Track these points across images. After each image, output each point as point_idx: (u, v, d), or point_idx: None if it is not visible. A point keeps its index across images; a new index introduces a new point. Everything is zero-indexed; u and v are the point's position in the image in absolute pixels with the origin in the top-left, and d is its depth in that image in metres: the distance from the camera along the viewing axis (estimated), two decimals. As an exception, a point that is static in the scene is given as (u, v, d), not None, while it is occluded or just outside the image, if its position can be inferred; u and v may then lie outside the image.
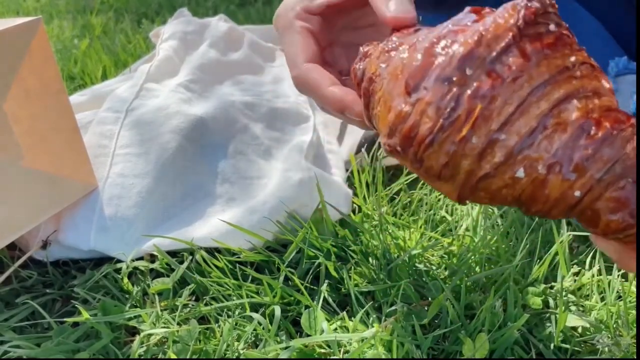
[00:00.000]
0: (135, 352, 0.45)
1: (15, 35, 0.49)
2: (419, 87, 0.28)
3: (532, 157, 0.27)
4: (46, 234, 0.56)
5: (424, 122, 0.28)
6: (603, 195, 0.27)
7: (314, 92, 0.39)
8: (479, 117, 0.27)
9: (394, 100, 0.29)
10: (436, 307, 0.46)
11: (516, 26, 0.27)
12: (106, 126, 0.64)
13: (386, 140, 0.30)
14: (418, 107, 0.28)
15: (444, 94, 0.27)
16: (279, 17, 0.43)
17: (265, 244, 0.56)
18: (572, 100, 0.27)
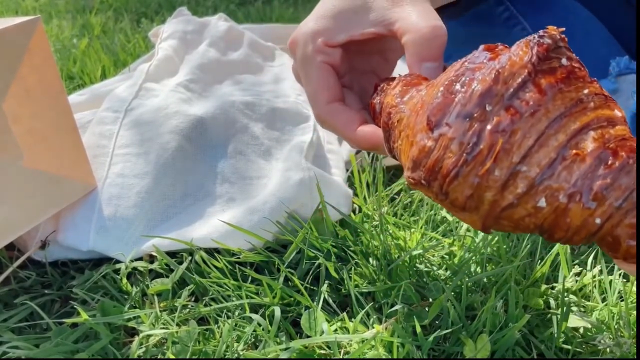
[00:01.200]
0: (135, 352, 0.45)
1: (14, 35, 0.49)
2: (441, 123, 0.30)
3: (553, 187, 0.28)
4: (45, 234, 0.56)
5: (448, 156, 0.29)
6: (622, 222, 0.28)
7: (341, 133, 0.40)
8: (500, 150, 0.28)
9: (416, 135, 0.31)
10: (437, 308, 0.46)
11: (531, 63, 0.29)
12: (105, 126, 0.64)
13: (410, 174, 0.32)
14: (441, 142, 0.30)
15: (466, 130, 0.29)
16: (297, 45, 0.42)
17: (265, 245, 0.56)
18: (588, 131, 0.29)
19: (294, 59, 0.43)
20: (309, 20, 0.41)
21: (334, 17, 0.40)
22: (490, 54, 0.31)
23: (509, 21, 0.72)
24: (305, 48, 0.41)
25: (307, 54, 0.41)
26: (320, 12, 0.41)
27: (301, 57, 0.41)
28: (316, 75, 0.41)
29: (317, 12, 0.42)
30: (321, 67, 0.40)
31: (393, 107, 0.35)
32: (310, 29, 0.41)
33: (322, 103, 0.40)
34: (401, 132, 0.34)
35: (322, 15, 0.41)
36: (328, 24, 0.40)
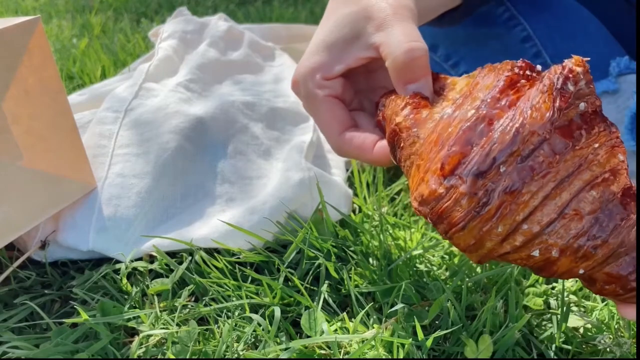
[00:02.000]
0: (134, 352, 0.45)
1: (13, 35, 0.49)
2: (454, 174, 0.31)
3: (548, 242, 0.31)
4: (45, 235, 0.56)
5: (457, 209, 0.31)
6: (602, 270, 0.32)
7: (361, 157, 0.41)
8: (507, 211, 0.30)
9: (428, 174, 0.32)
10: (437, 308, 0.46)
11: (550, 122, 0.30)
12: (105, 126, 0.64)
13: (417, 206, 0.33)
14: (452, 194, 0.31)
15: (478, 188, 0.30)
16: (299, 85, 0.43)
17: (265, 245, 0.56)
18: (590, 189, 0.31)
19: (300, 99, 0.44)
20: (304, 59, 0.42)
21: (327, 51, 0.41)
22: (512, 95, 0.32)
23: (510, 22, 0.72)
24: (306, 86, 0.42)
25: (310, 92, 0.42)
26: (313, 48, 0.42)
27: (305, 95, 0.43)
28: (323, 110, 0.42)
29: (310, 49, 0.42)
30: (325, 101, 0.41)
31: (406, 128, 0.36)
32: (307, 67, 0.42)
33: (335, 135, 0.41)
34: (411, 156, 0.35)
35: (315, 51, 0.42)
36: (323, 59, 0.41)
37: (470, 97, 0.34)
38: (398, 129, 0.36)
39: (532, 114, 0.30)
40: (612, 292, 0.32)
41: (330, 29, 0.42)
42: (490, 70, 0.35)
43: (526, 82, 0.33)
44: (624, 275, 0.31)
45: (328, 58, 0.41)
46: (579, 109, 0.31)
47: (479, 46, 0.75)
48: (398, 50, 0.37)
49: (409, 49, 0.37)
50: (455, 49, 0.79)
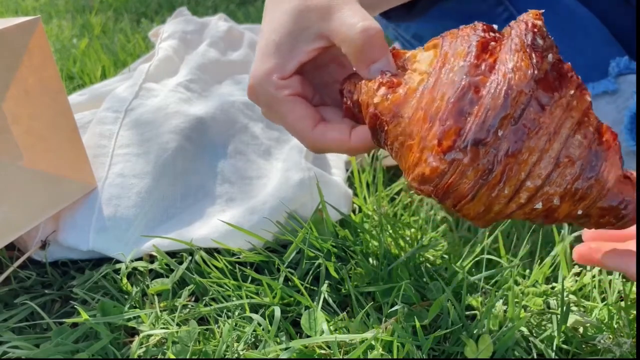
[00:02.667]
0: (135, 352, 0.45)
1: (14, 35, 0.49)
2: (454, 148, 0.31)
3: (549, 193, 0.32)
4: (45, 234, 0.56)
5: (464, 182, 0.32)
6: (596, 205, 0.33)
7: (339, 148, 0.40)
8: (512, 172, 0.31)
9: (424, 151, 0.33)
10: (437, 308, 0.46)
11: (534, 80, 0.31)
12: (105, 126, 0.64)
13: (418, 186, 0.34)
14: (456, 168, 0.32)
15: (482, 157, 0.31)
16: (257, 92, 0.41)
17: (265, 245, 0.56)
18: (575, 135, 0.32)
19: (260, 107, 0.43)
20: (256, 65, 0.41)
21: (277, 51, 0.40)
22: (488, 59, 0.33)
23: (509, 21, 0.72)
24: (265, 91, 0.41)
25: (270, 96, 0.41)
26: (263, 51, 0.41)
27: (265, 101, 0.41)
28: (288, 110, 0.40)
29: (260, 53, 0.41)
30: (289, 101, 0.40)
31: (387, 109, 0.35)
32: (262, 72, 0.40)
33: (307, 132, 0.40)
34: (398, 137, 0.35)
35: (265, 54, 0.41)
36: (275, 60, 0.40)
37: (444, 67, 0.34)
38: (379, 112, 0.36)
39: (516, 75, 0.31)
40: (607, 223, 0.34)
41: (274, 28, 0.40)
42: (453, 37, 0.35)
43: (495, 44, 0.33)
44: (614, 206, 0.33)
45: (280, 57, 0.40)
46: (549, 60, 0.32)
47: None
48: (352, 32, 0.37)
49: (364, 29, 0.36)
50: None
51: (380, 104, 0.36)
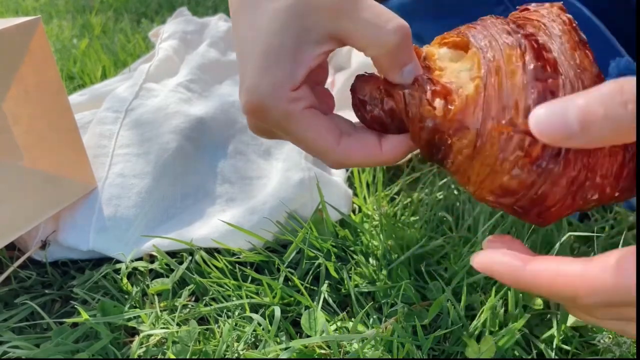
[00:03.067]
0: (135, 352, 0.45)
1: (14, 35, 0.49)
2: (543, 157, 0.30)
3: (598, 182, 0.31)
4: (45, 234, 0.56)
5: (555, 191, 0.30)
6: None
7: (370, 163, 0.36)
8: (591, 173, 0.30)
9: (505, 164, 0.30)
10: (437, 308, 0.46)
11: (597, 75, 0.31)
12: (105, 126, 0.64)
13: (496, 199, 0.32)
14: (547, 178, 0.30)
15: (573, 163, 0.30)
16: (265, 108, 0.34)
17: (265, 244, 0.56)
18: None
19: (265, 123, 0.36)
20: (257, 79, 0.34)
21: (280, 58, 0.34)
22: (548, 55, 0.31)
23: (509, 21, 0.72)
24: (276, 108, 0.34)
25: (284, 112, 0.34)
26: (261, 62, 0.34)
27: (276, 120, 0.35)
28: (307, 126, 0.35)
29: (257, 63, 0.34)
30: (307, 115, 0.35)
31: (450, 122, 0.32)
32: (269, 85, 0.34)
33: (331, 149, 0.35)
34: (463, 150, 0.32)
35: (266, 64, 0.34)
36: (282, 68, 0.34)
37: (501, 71, 0.31)
38: (441, 127, 0.32)
39: (585, 75, 0.31)
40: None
41: (268, 32, 0.34)
42: (483, 33, 0.33)
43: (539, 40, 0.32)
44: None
45: (286, 65, 0.34)
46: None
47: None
48: (383, 34, 0.32)
49: (398, 28, 0.32)
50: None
51: (441, 117, 0.32)
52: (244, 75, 0.35)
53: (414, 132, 0.34)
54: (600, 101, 0.23)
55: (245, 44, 0.35)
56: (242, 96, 0.35)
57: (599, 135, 0.23)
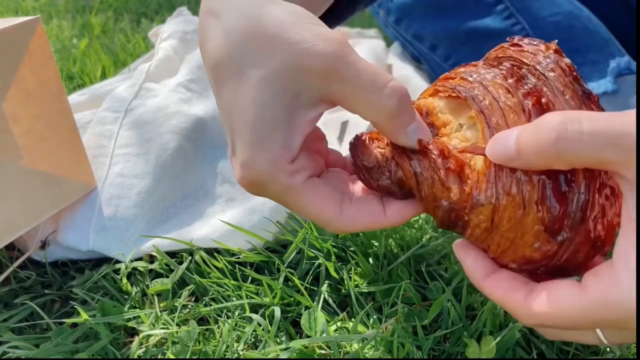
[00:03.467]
0: (135, 352, 0.45)
1: (14, 35, 0.49)
2: (563, 229, 0.29)
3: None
4: (45, 235, 0.56)
5: (578, 256, 0.30)
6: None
7: (372, 229, 0.35)
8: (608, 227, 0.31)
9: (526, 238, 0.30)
10: (437, 308, 0.46)
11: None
12: (105, 126, 0.64)
13: (518, 267, 0.32)
14: (568, 247, 0.30)
15: (592, 229, 0.30)
16: (263, 186, 0.33)
17: (265, 245, 0.56)
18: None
19: (263, 196, 0.34)
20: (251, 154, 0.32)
21: (274, 129, 0.31)
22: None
23: (508, 20, 0.72)
24: (277, 183, 0.32)
25: (282, 187, 0.32)
26: (254, 133, 0.32)
27: (277, 193, 0.33)
28: (309, 199, 0.33)
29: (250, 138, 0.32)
30: (308, 187, 0.33)
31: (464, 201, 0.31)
32: (267, 161, 0.32)
33: (335, 219, 0.33)
34: (480, 224, 0.31)
35: (261, 138, 0.31)
36: (277, 141, 0.31)
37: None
38: (456, 206, 0.32)
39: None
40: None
41: (258, 103, 0.31)
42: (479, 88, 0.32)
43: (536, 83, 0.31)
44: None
45: (282, 137, 0.31)
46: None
47: (478, 46, 0.75)
48: (383, 98, 0.31)
49: (395, 91, 0.31)
50: (454, 48, 0.79)
51: (458, 198, 0.31)
52: (236, 148, 0.33)
53: (427, 208, 0.33)
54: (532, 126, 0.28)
55: (232, 116, 0.33)
56: (237, 170, 0.33)
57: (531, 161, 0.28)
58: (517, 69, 0.32)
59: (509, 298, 0.31)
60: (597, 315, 0.27)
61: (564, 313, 0.28)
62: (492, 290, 0.32)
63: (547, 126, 0.27)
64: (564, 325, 0.28)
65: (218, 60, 0.33)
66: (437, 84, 0.35)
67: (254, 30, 0.32)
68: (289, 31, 0.31)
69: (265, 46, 0.31)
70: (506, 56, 0.34)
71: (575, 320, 0.28)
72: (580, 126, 0.26)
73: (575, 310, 0.28)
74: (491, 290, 0.32)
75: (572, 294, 0.28)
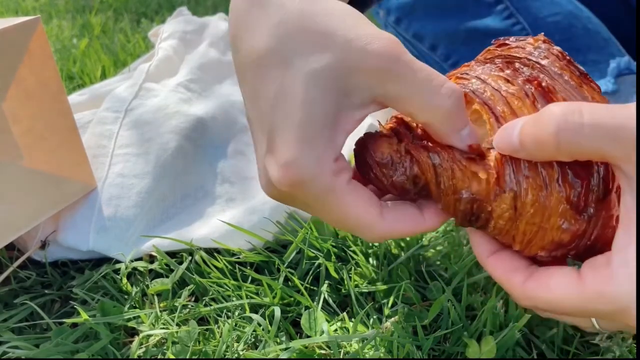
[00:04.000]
0: (135, 353, 0.45)
1: (13, 35, 0.49)
2: (588, 204, 0.29)
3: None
4: (45, 235, 0.56)
5: (607, 232, 0.30)
6: None
7: (412, 234, 0.34)
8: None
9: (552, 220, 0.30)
10: (437, 308, 0.46)
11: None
12: (105, 126, 0.64)
13: (548, 254, 0.31)
14: (597, 222, 0.29)
15: (614, 202, 0.29)
16: (307, 187, 0.31)
17: (265, 245, 0.56)
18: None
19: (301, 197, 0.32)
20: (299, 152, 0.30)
21: (323, 128, 0.30)
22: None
23: (508, 20, 0.72)
24: (319, 181, 0.30)
25: (326, 187, 0.31)
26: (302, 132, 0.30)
27: (317, 193, 0.31)
28: (352, 201, 0.31)
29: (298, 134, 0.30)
30: (350, 190, 0.31)
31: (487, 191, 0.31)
32: (313, 158, 0.30)
33: (376, 224, 0.32)
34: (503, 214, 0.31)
35: (309, 135, 0.30)
36: (324, 139, 0.30)
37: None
38: (478, 196, 0.31)
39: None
40: None
41: (306, 100, 0.30)
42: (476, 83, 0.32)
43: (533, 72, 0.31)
44: None
45: (328, 133, 0.30)
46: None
47: (477, 46, 0.75)
48: (440, 98, 0.30)
49: (452, 92, 0.30)
50: (454, 48, 0.79)
51: (478, 187, 0.31)
52: (276, 147, 0.31)
53: (447, 203, 0.32)
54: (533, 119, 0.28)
55: (276, 111, 0.31)
56: (276, 170, 0.31)
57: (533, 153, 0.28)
58: (510, 64, 0.32)
59: (509, 279, 0.31)
60: (591, 306, 0.27)
61: (559, 301, 0.28)
62: (494, 268, 0.32)
63: (548, 118, 0.27)
64: (558, 311, 0.29)
65: (263, 51, 0.31)
66: None
67: (306, 24, 0.30)
68: (344, 28, 0.30)
69: (318, 41, 0.30)
70: (495, 55, 0.34)
71: (570, 309, 0.28)
72: (581, 118, 0.26)
73: (570, 300, 0.28)
74: (493, 268, 0.32)
75: (570, 284, 0.28)
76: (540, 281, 0.30)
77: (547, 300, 0.29)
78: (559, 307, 0.29)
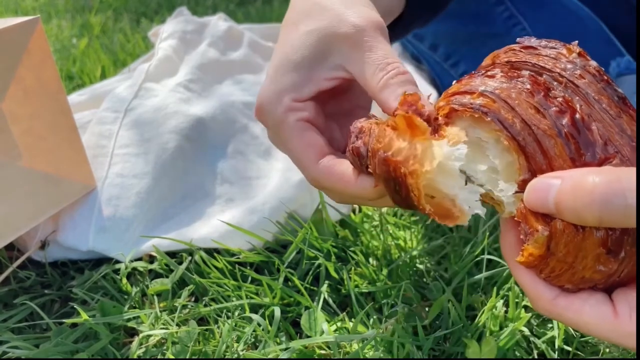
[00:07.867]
0: (134, 353, 0.45)
1: (13, 35, 0.49)
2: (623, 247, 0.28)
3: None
4: (45, 235, 0.56)
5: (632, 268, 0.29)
6: None
7: (341, 190, 0.35)
8: None
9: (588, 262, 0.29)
10: (437, 308, 0.46)
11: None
12: (105, 126, 0.64)
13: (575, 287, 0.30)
14: (629, 263, 0.29)
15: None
16: (264, 112, 0.37)
17: (265, 245, 0.56)
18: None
19: (266, 128, 0.39)
20: (269, 82, 0.37)
21: (294, 70, 0.36)
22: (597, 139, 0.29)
23: (509, 21, 0.72)
24: (274, 112, 0.36)
25: (279, 117, 0.36)
26: (278, 69, 0.37)
27: (273, 123, 0.37)
28: (295, 136, 0.36)
29: (275, 70, 0.37)
30: (298, 126, 0.36)
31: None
32: (274, 91, 0.37)
33: (311, 164, 0.35)
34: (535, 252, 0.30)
35: (281, 72, 0.37)
36: (291, 79, 0.36)
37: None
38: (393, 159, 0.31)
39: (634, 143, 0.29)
40: None
41: (294, 46, 0.37)
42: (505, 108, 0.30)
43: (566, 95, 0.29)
44: None
45: (297, 78, 0.36)
46: None
47: (478, 45, 0.75)
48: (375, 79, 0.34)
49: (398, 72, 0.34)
50: (455, 48, 0.79)
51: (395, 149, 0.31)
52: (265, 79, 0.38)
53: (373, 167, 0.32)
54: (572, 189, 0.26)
55: (275, 54, 0.39)
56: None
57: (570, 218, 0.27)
58: (538, 76, 0.30)
59: (538, 290, 0.31)
60: (626, 343, 0.27)
61: (590, 327, 0.28)
62: (522, 274, 0.31)
63: (590, 197, 0.25)
64: (585, 333, 0.29)
65: (288, 20, 0.40)
66: (451, 101, 0.32)
67: (314, 2, 0.38)
68: (340, 6, 0.37)
69: (320, 11, 0.37)
70: (520, 61, 0.31)
71: (601, 337, 0.28)
72: (625, 200, 0.25)
73: (603, 331, 0.28)
74: (520, 274, 0.32)
75: (605, 317, 0.28)
76: (573, 303, 0.29)
77: (576, 323, 0.29)
78: (588, 332, 0.29)
